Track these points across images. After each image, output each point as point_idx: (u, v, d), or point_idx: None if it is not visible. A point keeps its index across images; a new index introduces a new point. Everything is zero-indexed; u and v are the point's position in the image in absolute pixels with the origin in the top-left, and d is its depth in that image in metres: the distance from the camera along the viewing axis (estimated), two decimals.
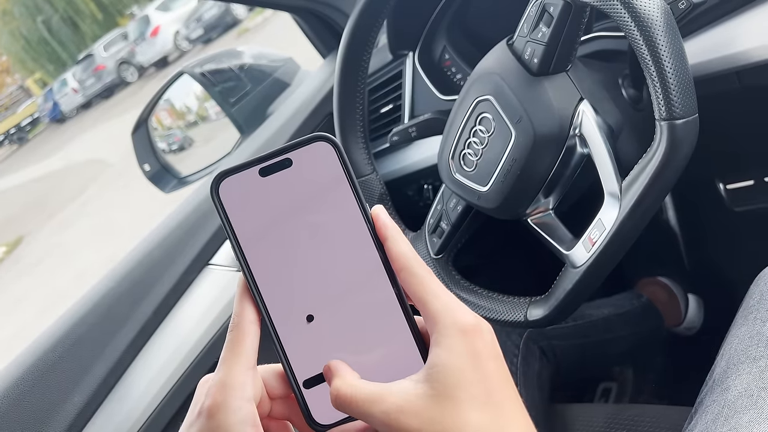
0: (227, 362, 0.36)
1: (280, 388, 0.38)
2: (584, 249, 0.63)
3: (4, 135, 21.33)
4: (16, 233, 8.59)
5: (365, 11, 0.79)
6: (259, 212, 0.37)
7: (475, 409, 0.32)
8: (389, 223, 0.37)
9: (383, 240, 0.37)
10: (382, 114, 1.07)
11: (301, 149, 0.37)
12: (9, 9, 21.97)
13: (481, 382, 0.33)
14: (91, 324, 0.84)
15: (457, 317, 0.34)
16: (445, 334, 0.34)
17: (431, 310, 0.35)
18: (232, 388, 0.35)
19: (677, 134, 0.54)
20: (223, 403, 0.34)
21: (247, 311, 0.37)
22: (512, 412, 0.33)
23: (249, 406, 0.35)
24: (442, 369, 0.33)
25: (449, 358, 0.33)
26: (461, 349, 0.33)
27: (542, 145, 0.64)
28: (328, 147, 0.37)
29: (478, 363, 0.33)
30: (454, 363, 0.33)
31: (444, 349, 0.33)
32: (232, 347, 0.36)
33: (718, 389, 0.55)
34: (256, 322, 0.37)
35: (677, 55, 0.53)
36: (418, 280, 0.36)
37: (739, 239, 1.17)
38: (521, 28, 0.65)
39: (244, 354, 0.36)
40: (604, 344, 1.07)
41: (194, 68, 1.18)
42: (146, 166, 1.25)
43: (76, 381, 0.79)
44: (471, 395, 0.32)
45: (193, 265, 0.95)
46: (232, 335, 0.36)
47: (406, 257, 0.36)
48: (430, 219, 0.81)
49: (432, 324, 0.35)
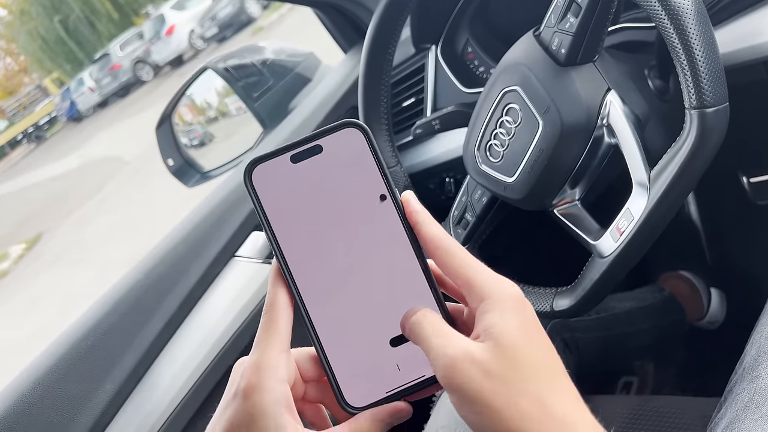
0: (261, 344, 0.36)
1: (313, 371, 0.39)
2: (612, 239, 0.63)
3: (22, 134, 21.61)
4: (35, 231, 8.69)
5: (390, 5, 0.79)
6: (291, 198, 0.38)
7: (534, 373, 0.32)
8: (419, 208, 0.38)
9: (414, 224, 0.38)
10: (404, 107, 1.08)
11: (330, 136, 0.38)
12: (27, 9, 22.21)
13: (535, 348, 0.33)
14: (121, 315, 0.86)
15: (505, 288, 0.35)
16: (497, 301, 0.34)
17: (477, 282, 0.35)
18: (266, 370, 0.35)
19: (708, 123, 0.55)
20: (258, 384, 0.35)
21: (280, 295, 0.37)
22: (564, 379, 0.33)
23: (283, 387, 0.35)
24: (503, 328, 0.33)
25: (504, 321, 0.33)
26: (514, 317, 0.33)
27: (569, 136, 0.64)
28: (357, 133, 0.38)
29: (531, 331, 0.34)
30: (509, 326, 0.33)
31: (498, 314, 0.34)
32: (266, 329, 0.36)
33: (748, 377, 0.55)
34: (289, 305, 0.37)
35: (708, 44, 0.53)
36: (457, 258, 0.36)
37: (761, 233, 1.16)
38: (548, 18, 0.65)
39: (278, 336, 0.36)
40: (626, 337, 1.07)
41: (217, 63, 1.19)
42: (170, 161, 1.27)
43: (107, 369, 0.80)
44: (528, 360, 0.33)
45: (220, 257, 0.96)
46: (266, 318, 0.37)
47: (441, 238, 0.37)
48: (455, 211, 0.82)
49: (478, 297, 0.35)
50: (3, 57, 28.00)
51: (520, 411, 0.31)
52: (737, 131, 0.71)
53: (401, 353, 0.38)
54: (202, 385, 0.86)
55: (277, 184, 0.38)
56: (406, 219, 0.38)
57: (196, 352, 0.88)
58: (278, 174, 0.38)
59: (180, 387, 0.84)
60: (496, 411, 0.31)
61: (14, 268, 7.99)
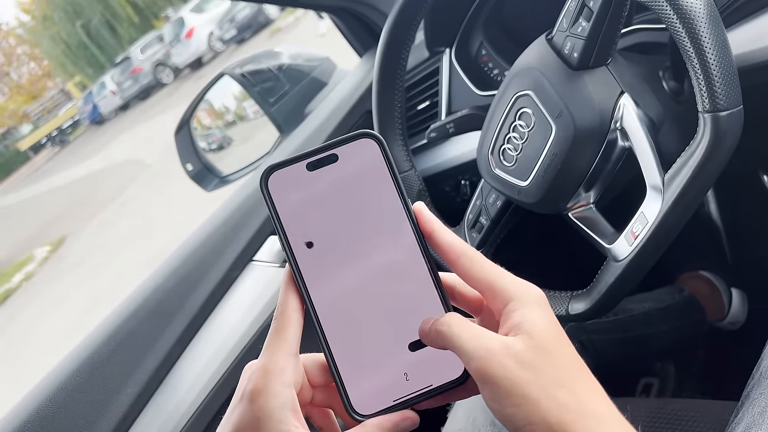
0: (270, 348, 0.37)
1: (321, 377, 0.39)
2: (626, 242, 0.63)
3: (46, 137, 21.99)
4: (60, 233, 8.84)
5: (404, 9, 0.80)
6: (306, 205, 0.38)
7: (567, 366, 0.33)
8: (433, 218, 0.38)
9: (429, 233, 0.38)
10: (419, 111, 1.08)
11: (346, 145, 0.38)
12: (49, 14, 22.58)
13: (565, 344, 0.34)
14: (142, 318, 0.87)
15: (530, 289, 0.35)
16: (524, 302, 0.34)
17: (501, 286, 0.35)
18: (273, 374, 0.35)
19: (721, 126, 0.54)
20: (264, 387, 0.35)
21: (291, 300, 0.38)
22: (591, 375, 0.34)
23: (289, 392, 0.35)
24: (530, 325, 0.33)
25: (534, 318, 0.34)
26: (543, 314, 0.34)
27: (583, 139, 0.64)
28: (372, 144, 0.38)
29: (558, 332, 0.34)
30: (540, 322, 0.34)
31: (528, 310, 0.34)
32: (275, 334, 0.37)
33: (765, 382, 0.55)
34: (300, 311, 0.38)
35: (721, 47, 0.53)
36: (477, 263, 0.36)
37: None
38: (560, 22, 0.65)
39: (287, 341, 0.37)
40: (645, 339, 1.06)
41: (234, 69, 1.21)
42: (189, 166, 1.29)
43: (129, 373, 0.82)
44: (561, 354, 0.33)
45: (238, 262, 0.98)
46: (276, 323, 0.37)
47: (458, 246, 0.37)
48: (469, 214, 0.82)
49: (504, 299, 0.35)
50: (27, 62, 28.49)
51: (557, 402, 0.32)
52: (758, 131, 0.70)
53: (410, 362, 0.38)
54: (222, 386, 0.87)
55: (293, 191, 0.38)
56: (418, 229, 0.38)
57: (216, 355, 0.89)
58: (294, 181, 0.38)
59: (201, 389, 0.86)
60: (533, 402, 0.32)
61: (39, 270, 8.13)
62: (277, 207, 0.38)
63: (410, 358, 0.38)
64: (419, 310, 0.38)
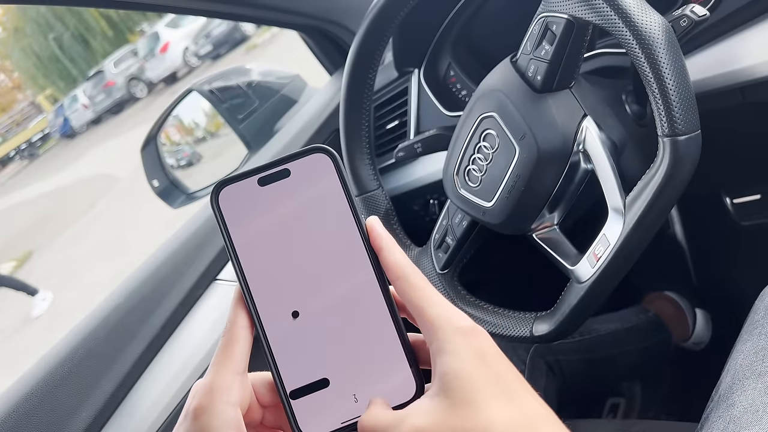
0: (216, 366, 0.36)
1: (271, 397, 0.39)
2: (589, 264, 0.63)
3: (15, 150, 21.57)
4: (26, 248, 8.63)
5: (371, 30, 0.80)
6: (257, 221, 0.38)
7: (498, 408, 0.32)
8: (384, 234, 0.38)
9: (378, 250, 0.37)
10: (387, 130, 1.08)
11: (299, 160, 0.38)
12: (21, 26, 22.28)
13: (495, 380, 0.33)
14: (100, 339, 0.85)
15: (454, 321, 0.34)
16: (447, 339, 0.34)
17: (429, 316, 0.35)
18: (217, 392, 0.35)
19: (680, 150, 0.55)
20: (208, 405, 0.34)
21: (239, 318, 0.37)
22: (534, 404, 0.33)
23: (232, 410, 0.35)
24: (454, 375, 0.33)
25: (458, 362, 0.33)
26: (467, 352, 0.33)
27: (546, 161, 0.64)
28: (326, 159, 0.38)
29: (486, 362, 0.33)
30: (464, 367, 0.33)
31: (450, 354, 0.33)
32: (221, 351, 0.36)
33: (723, 405, 0.55)
34: (248, 328, 0.37)
35: (679, 73, 0.54)
36: (414, 288, 0.36)
37: (746, 253, 1.16)
38: (524, 45, 0.66)
39: (233, 358, 0.36)
40: (612, 359, 1.07)
41: (203, 85, 1.20)
42: (155, 182, 1.27)
43: (84, 396, 0.79)
44: (490, 395, 0.32)
45: (201, 281, 0.96)
46: (223, 340, 0.37)
47: (402, 266, 0.37)
48: (436, 234, 0.82)
49: (431, 331, 0.35)
50: None
51: None
52: (718, 153, 0.71)
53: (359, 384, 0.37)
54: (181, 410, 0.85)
55: (244, 207, 0.38)
56: (370, 246, 0.38)
57: (176, 377, 0.87)
58: (245, 197, 0.38)
59: (159, 412, 0.83)
60: None
61: None
62: (227, 223, 0.38)
63: (359, 378, 0.37)
64: (370, 331, 0.37)
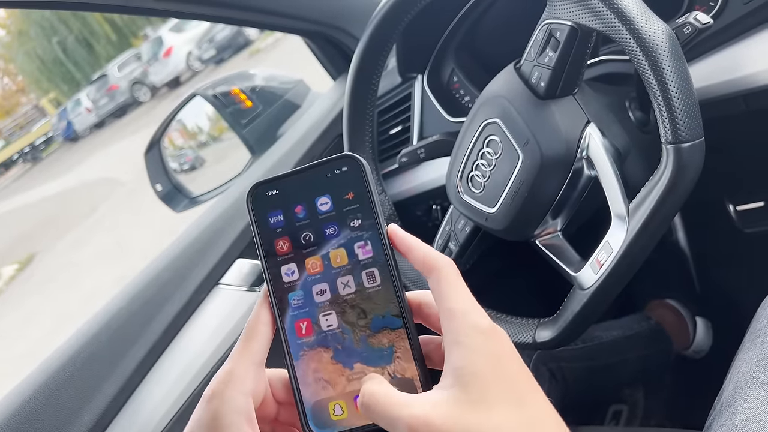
0: (235, 355, 0.37)
1: (286, 394, 0.39)
2: (592, 271, 0.63)
3: (18, 154, 21.62)
4: (28, 251, 8.65)
5: (375, 36, 0.80)
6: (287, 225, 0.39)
7: (507, 410, 0.32)
8: (409, 235, 0.39)
9: (408, 250, 0.38)
10: (391, 135, 1.08)
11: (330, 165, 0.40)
12: (25, 30, 22.38)
13: (508, 382, 0.33)
14: (102, 343, 0.85)
15: (475, 318, 0.34)
16: (465, 332, 0.34)
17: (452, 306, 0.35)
18: (232, 379, 0.36)
19: (683, 157, 0.55)
20: (221, 392, 0.36)
21: (263, 315, 0.39)
22: (543, 410, 0.33)
23: (243, 399, 0.36)
24: (469, 371, 0.33)
25: (475, 359, 0.33)
26: (484, 350, 0.33)
27: (549, 168, 0.64)
28: (355, 165, 0.39)
29: (502, 364, 0.33)
30: (480, 364, 0.33)
31: (466, 349, 0.33)
32: (241, 343, 0.38)
33: (726, 413, 0.55)
34: (270, 324, 0.38)
35: (682, 80, 0.54)
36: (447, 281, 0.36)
37: (749, 261, 1.16)
38: (528, 52, 0.66)
39: (252, 350, 0.37)
40: (613, 366, 1.06)
41: (207, 90, 1.20)
42: (158, 186, 1.27)
43: (86, 400, 0.79)
44: (501, 396, 0.32)
45: (204, 285, 0.96)
46: (245, 332, 0.38)
47: (435, 258, 0.37)
48: (438, 240, 0.82)
49: (450, 320, 0.35)
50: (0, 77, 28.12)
51: None
52: (722, 161, 0.71)
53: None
54: (183, 414, 0.85)
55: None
56: (392, 252, 0.39)
57: (178, 381, 0.87)
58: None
59: (161, 417, 0.83)
60: None
61: (5, 288, 7.93)
62: (258, 224, 0.39)
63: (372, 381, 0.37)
64: (386, 335, 0.38)
